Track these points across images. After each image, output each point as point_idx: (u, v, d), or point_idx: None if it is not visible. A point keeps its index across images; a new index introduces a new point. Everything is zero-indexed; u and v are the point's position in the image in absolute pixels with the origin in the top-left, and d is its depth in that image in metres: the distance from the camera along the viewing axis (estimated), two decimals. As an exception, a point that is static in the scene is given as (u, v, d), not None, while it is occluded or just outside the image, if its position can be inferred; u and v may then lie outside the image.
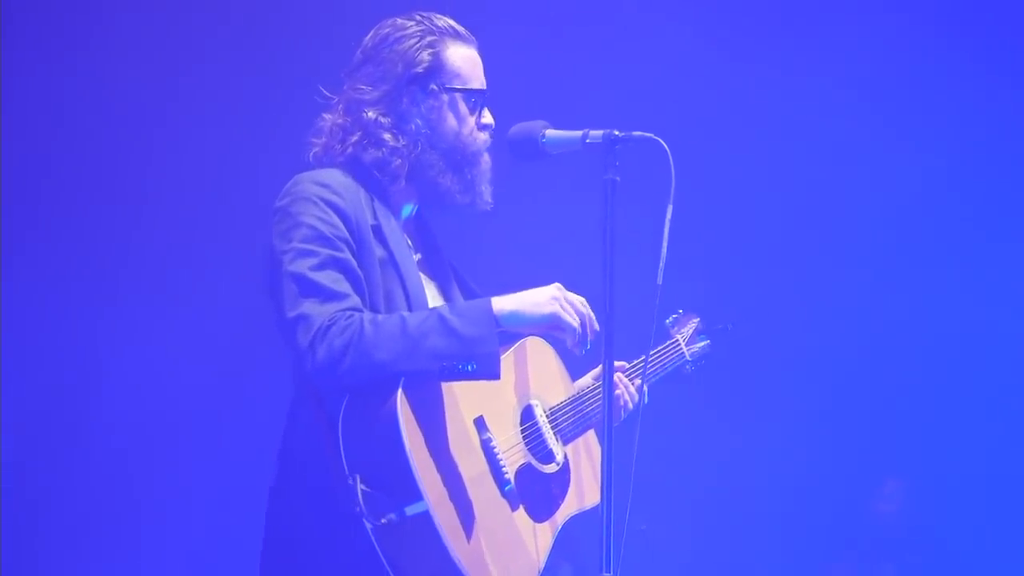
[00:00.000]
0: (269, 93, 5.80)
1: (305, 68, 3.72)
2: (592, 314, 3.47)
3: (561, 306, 3.42)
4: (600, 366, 3.79)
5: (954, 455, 6.43)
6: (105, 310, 6.06)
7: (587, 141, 3.43)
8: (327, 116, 3.58)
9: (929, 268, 6.43)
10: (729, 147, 6.31)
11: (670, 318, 4.43)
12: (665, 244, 3.32)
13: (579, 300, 3.47)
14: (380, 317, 3.29)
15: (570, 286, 3.55)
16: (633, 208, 3.54)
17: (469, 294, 3.69)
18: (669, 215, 3.32)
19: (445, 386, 3.33)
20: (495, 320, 3.34)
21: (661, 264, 3.33)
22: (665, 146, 3.37)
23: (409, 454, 3.17)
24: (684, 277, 3.85)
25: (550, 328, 3.45)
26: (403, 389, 3.22)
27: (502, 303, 3.38)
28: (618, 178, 3.36)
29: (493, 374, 3.31)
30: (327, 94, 3.61)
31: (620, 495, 3.22)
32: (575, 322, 3.43)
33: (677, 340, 4.36)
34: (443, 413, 3.31)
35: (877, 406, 6.46)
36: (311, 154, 3.57)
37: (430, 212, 3.69)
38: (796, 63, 6.35)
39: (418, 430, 3.23)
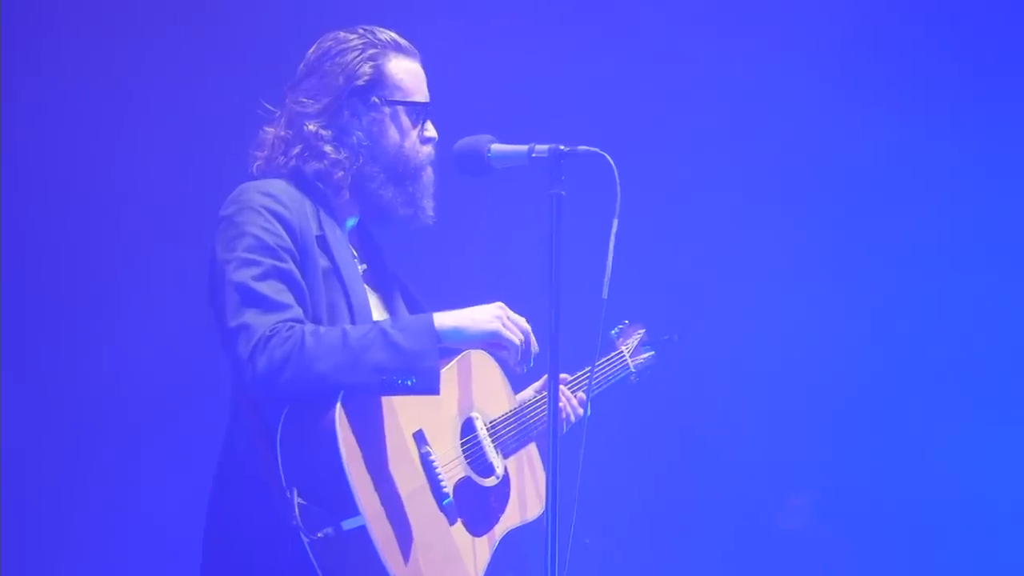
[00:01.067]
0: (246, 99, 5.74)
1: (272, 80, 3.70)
2: (532, 335, 3.50)
3: (503, 323, 3.45)
4: (542, 379, 3.85)
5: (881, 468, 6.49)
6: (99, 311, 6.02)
7: (533, 155, 3.44)
8: (269, 129, 3.58)
9: (865, 279, 6.48)
10: (676, 160, 6.33)
11: (615, 329, 4.44)
12: (610, 258, 3.33)
13: (520, 319, 3.49)
14: (322, 329, 3.29)
15: (516, 299, 3.57)
16: (579, 222, 3.54)
17: (414, 305, 3.70)
18: (615, 229, 3.33)
19: (385, 400, 3.33)
20: (436, 336, 3.35)
21: (606, 278, 3.34)
22: (610, 160, 3.38)
23: (346, 468, 3.18)
24: (629, 290, 3.87)
25: (491, 345, 3.48)
26: (342, 403, 3.22)
27: (444, 319, 3.39)
28: (564, 192, 3.36)
29: (432, 390, 3.31)
30: (269, 107, 3.61)
31: (565, 508, 3.23)
32: (517, 339, 3.46)
33: (622, 351, 4.37)
34: (382, 427, 3.31)
35: (826, 420, 6.48)
36: (254, 166, 3.57)
37: (373, 225, 3.70)
38: (739, 76, 6.38)
39: (356, 444, 3.23)
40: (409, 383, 3.27)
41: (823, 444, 6.44)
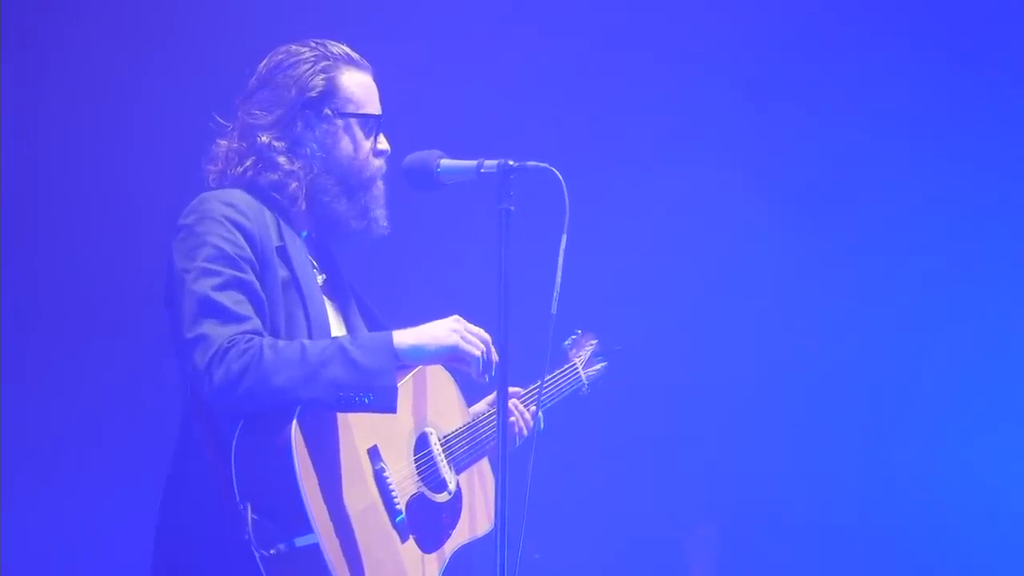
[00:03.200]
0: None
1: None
2: (491, 344, 3.48)
3: (462, 337, 3.43)
4: (495, 392, 3.83)
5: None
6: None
7: (482, 171, 3.45)
8: (222, 142, 3.56)
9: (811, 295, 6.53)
10: (626, 174, 6.36)
11: (569, 339, 4.42)
12: (559, 273, 3.35)
13: (478, 330, 3.48)
14: (280, 343, 3.27)
15: (466, 314, 3.56)
16: (529, 236, 3.55)
17: (369, 317, 3.69)
18: (563, 245, 3.35)
19: (340, 416, 3.32)
20: (395, 354, 3.34)
21: (555, 294, 3.35)
22: (559, 175, 3.39)
23: (301, 485, 3.16)
24: (577, 302, 3.87)
25: (452, 360, 3.46)
26: (298, 419, 3.20)
27: (403, 337, 3.38)
28: (513, 207, 3.38)
29: (389, 408, 3.30)
30: (221, 121, 3.59)
31: (514, 523, 3.23)
32: (477, 352, 3.44)
33: (575, 364, 4.35)
34: (337, 443, 3.30)
35: (777, 435, 6.51)
36: (209, 179, 3.55)
37: (326, 237, 3.68)
38: (687, 88, 6.41)
39: (311, 461, 3.21)
40: (366, 401, 3.26)
41: (774, 460, 6.47)
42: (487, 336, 3.47)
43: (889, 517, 6.44)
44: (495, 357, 3.46)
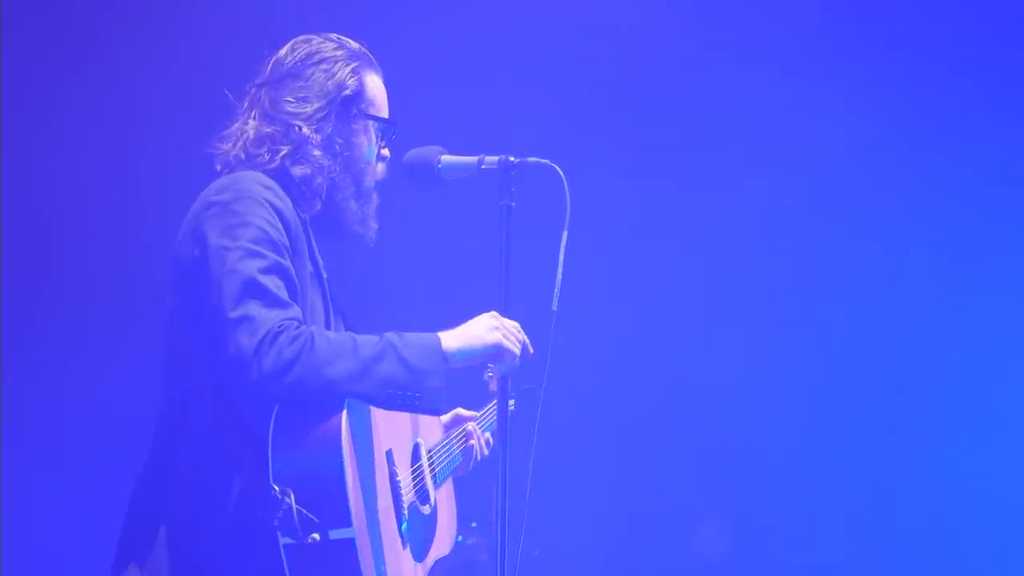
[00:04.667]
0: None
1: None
2: (527, 338, 3.44)
3: (504, 335, 3.38)
4: (450, 414, 3.87)
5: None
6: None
7: (482, 167, 3.43)
8: (251, 121, 3.43)
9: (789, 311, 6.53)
10: (627, 171, 6.35)
11: (486, 374, 4.33)
12: (560, 270, 3.33)
13: (515, 325, 3.43)
14: (330, 333, 3.22)
15: (467, 311, 3.54)
16: (529, 233, 3.53)
17: (346, 321, 3.60)
18: (564, 241, 3.33)
19: (372, 413, 3.26)
20: (444, 356, 3.28)
21: (556, 290, 3.34)
22: (560, 172, 3.37)
23: (347, 479, 3.09)
24: (581, 300, 3.86)
25: (494, 358, 3.39)
26: (347, 410, 3.13)
27: (449, 340, 3.31)
28: (514, 204, 3.36)
29: (436, 409, 3.26)
30: (231, 97, 3.49)
31: (514, 520, 3.22)
32: (518, 348, 3.39)
33: None
34: (371, 441, 3.25)
35: (770, 438, 6.52)
36: (230, 155, 3.42)
37: (321, 235, 3.59)
38: (685, 89, 6.41)
39: (354, 455, 3.14)
40: (416, 401, 3.21)
41: (778, 457, 6.47)
42: (522, 333, 3.43)
43: (891, 516, 6.44)
44: (531, 351, 3.43)
